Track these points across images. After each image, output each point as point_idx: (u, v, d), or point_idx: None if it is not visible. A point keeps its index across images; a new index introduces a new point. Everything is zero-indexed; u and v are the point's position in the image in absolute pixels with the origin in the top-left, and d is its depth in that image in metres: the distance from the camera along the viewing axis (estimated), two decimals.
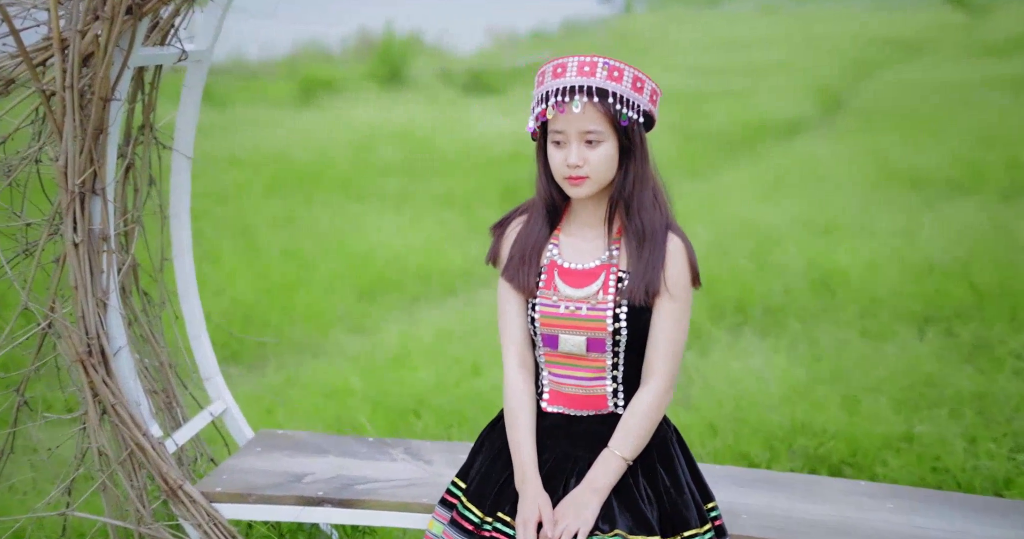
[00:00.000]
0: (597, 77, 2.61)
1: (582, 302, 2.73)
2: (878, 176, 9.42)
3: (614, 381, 2.78)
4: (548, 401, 2.85)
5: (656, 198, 2.77)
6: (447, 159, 10.35)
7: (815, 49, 19.58)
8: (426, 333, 6.27)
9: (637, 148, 2.71)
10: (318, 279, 7.17)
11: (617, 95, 2.61)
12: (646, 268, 2.71)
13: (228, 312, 6.48)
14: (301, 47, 18.77)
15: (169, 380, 3.37)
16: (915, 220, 7.70)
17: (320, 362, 5.94)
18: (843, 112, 13.75)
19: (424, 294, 7.27)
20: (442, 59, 18.22)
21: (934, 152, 10.12)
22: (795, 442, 4.46)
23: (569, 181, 2.69)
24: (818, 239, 7.33)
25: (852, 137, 11.63)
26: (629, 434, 2.71)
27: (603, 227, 2.80)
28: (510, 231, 2.92)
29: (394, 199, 9.19)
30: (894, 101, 13.66)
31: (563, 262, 2.80)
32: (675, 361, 2.75)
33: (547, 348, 2.80)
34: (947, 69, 16.33)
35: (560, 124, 2.65)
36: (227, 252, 7.42)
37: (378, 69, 15.70)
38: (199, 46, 3.30)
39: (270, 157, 10.07)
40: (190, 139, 3.38)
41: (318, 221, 8.40)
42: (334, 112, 12.51)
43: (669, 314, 2.73)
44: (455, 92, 14.61)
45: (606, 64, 2.63)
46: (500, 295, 2.90)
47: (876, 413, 4.60)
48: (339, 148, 10.56)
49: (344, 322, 6.64)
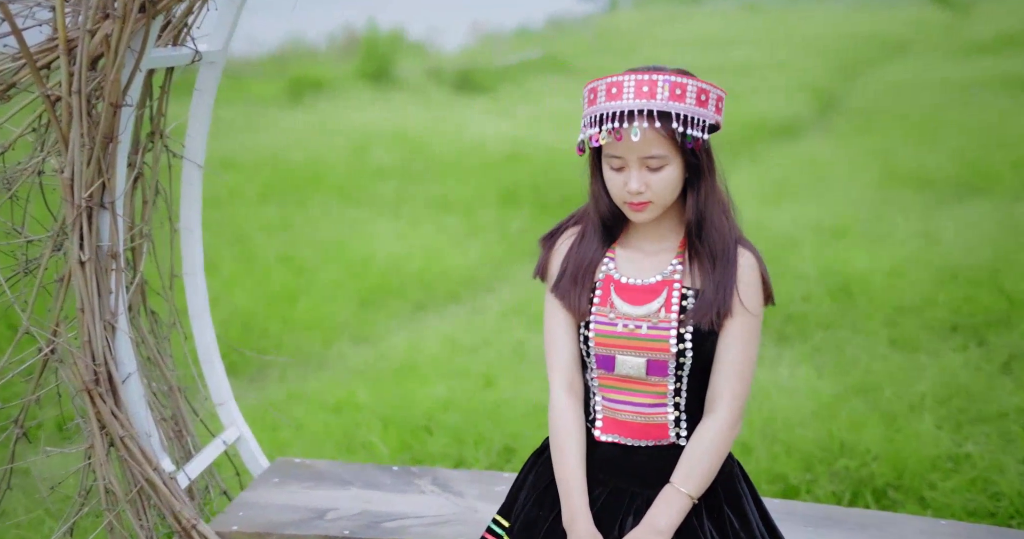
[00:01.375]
0: (658, 98, 2.37)
1: (642, 320, 2.50)
2: (883, 177, 9.21)
3: (676, 408, 2.53)
4: (601, 429, 2.60)
5: (725, 212, 2.55)
6: (442, 161, 10.09)
7: (802, 48, 19.39)
8: (432, 343, 6.04)
9: (704, 165, 2.48)
10: (317, 286, 6.92)
11: (681, 117, 2.38)
12: (717, 288, 2.47)
13: (226, 322, 6.23)
14: (285, 45, 18.48)
15: (179, 406, 3.11)
16: (930, 222, 7.48)
17: (324, 375, 5.70)
18: (839, 112, 13.54)
19: (427, 301, 7.03)
20: (428, 57, 17.96)
21: (937, 152, 9.91)
22: (835, 463, 4.23)
23: (631, 206, 2.46)
24: (831, 243, 7.11)
25: (852, 137, 11.41)
26: (694, 469, 2.46)
27: (665, 241, 2.58)
28: (561, 244, 2.68)
29: (391, 203, 8.94)
30: (889, 100, 13.46)
31: (620, 277, 2.56)
32: (744, 388, 2.52)
33: (601, 370, 2.55)
34: (937, 67, 16.15)
35: (617, 150, 2.42)
36: (223, 259, 7.16)
37: (366, 68, 15.42)
38: (212, 46, 3.05)
39: (263, 160, 9.80)
40: (202, 147, 3.14)
41: (315, 226, 8.14)
42: (325, 113, 12.23)
43: (739, 336, 2.50)
44: (445, 91, 14.34)
45: (667, 82, 2.37)
46: (547, 312, 2.67)
47: (918, 431, 4.37)
48: (332, 151, 10.30)
49: (346, 331, 6.40)
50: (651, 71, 2.39)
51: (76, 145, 2.58)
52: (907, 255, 6.64)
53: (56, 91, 2.60)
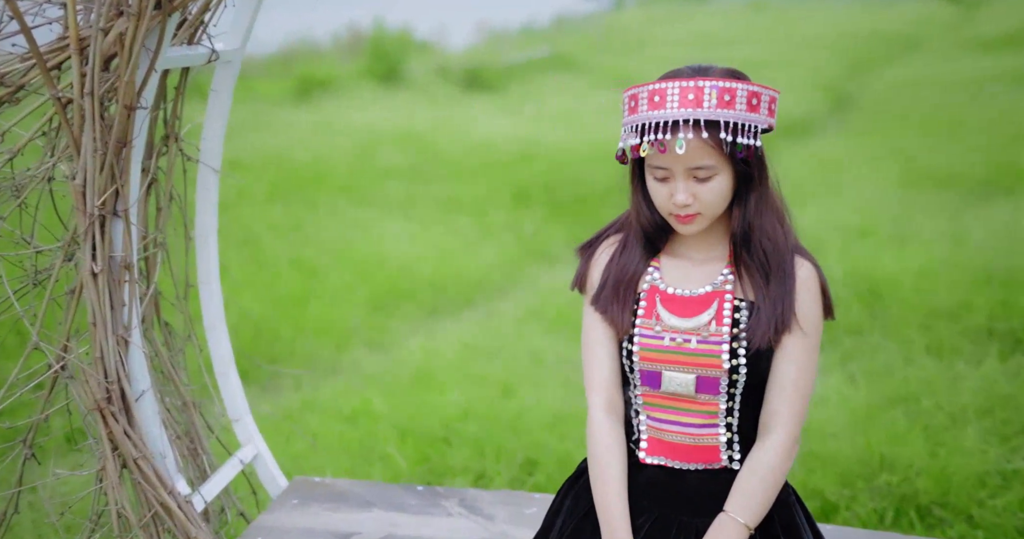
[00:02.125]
0: (705, 106, 2.19)
1: (691, 334, 2.33)
2: (904, 176, 9.01)
3: (728, 429, 2.36)
4: (647, 451, 2.43)
5: (780, 220, 2.38)
6: (451, 161, 9.91)
7: (809, 45, 19.20)
8: (448, 349, 5.87)
9: (756, 172, 2.30)
10: (328, 290, 6.76)
11: (731, 125, 2.20)
12: (775, 303, 2.30)
13: (236, 327, 6.06)
14: (291, 44, 18.32)
15: (193, 422, 2.94)
16: (957, 222, 7.29)
17: (338, 382, 5.53)
18: (852, 109, 13.35)
19: (440, 305, 6.87)
20: (435, 56, 17.78)
21: (958, 149, 9.72)
22: (875, 478, 4.05)
23: (677, 219, 2.29)
24: (857, 245, 6.92)
25: (868, 135, 11.21)
26: (749, 496, 2.29)
27: (715, 249, 2.41)
28: (600, 253, 2.51)
29: (400, 204, 8.77)
30: (903, 98, 13.27)
31: (667, 288, 2.39)
32: (803, 408, 2.34)
33: (646, 387, 2.38)
34: (948, 65, 15.95)
35: (662, 160, 2.25)
36: (232, 263, 6.99)
37: (372, 66, 15.24)
38: (229, 45, 2.88)
39: (270, 161, 9.62)
40: (218, 150, 2.98)
41: (324, 228, 7.97)
42: (331, 113, 12.05)
43: (797, 353, 2.33)
44: (452, 90, 14.15)
45: (714, 88, 2.19)
46: (586, 325, 2.49)
47: (962, 444, 4.19)
48: (339, 150, 10.12)
49: (359, 336, 6.23)
50: (697, 76, 2.22)
51: (88, 150, 2.42)
52: (936, 256, 6.45)
53: (67, 93, 2.43)
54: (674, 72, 2.29)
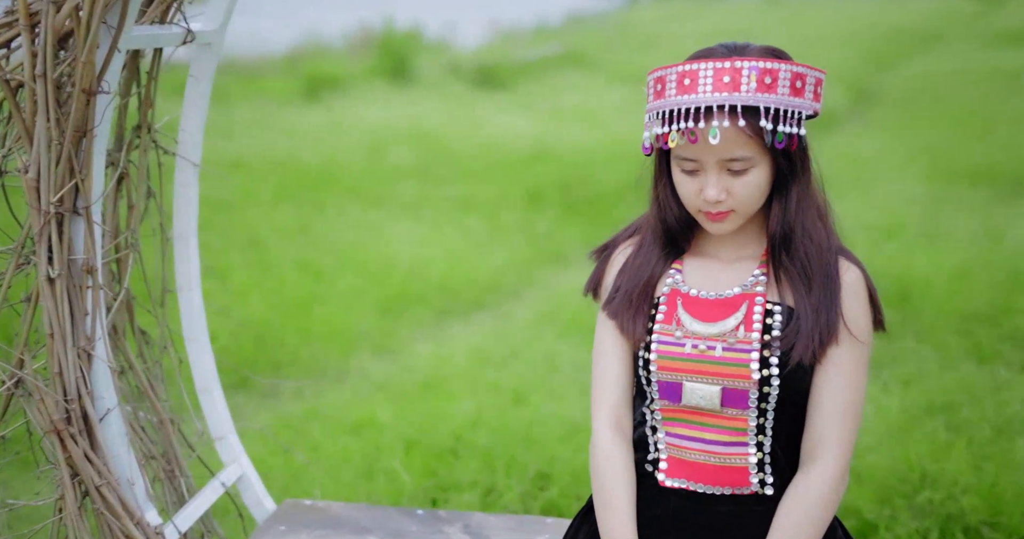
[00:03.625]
0: (743, 90, 1.91)
1: (716, 340, 2.06)
2: (933, 171, 8.68)
3: (759, 449, 2.08)
4: (667, 472, 2.14)
5: (822, 218, 2.10)
6: (463, 160, 9.62)
7: (829, 40, 18.83)
8: (458, 354, 5.59)
9: (798, 165, 2.03)
10: (335, 294, 6.48)
11: (771, 112, 1.92)
12: (818, 311, 2.03)
13: (239, 332, 5.81)
14: (301, 42, 18.10)
15: (171, 441, 2.65)
16: (990, 220, 6.97)
17: (343, 389, 5.26)
18: (876, 104, 13.03)
19: (451, 309, 6.59)
20: (447, 54, 17.53)
21: (989, 144, 9.39)
22: (916, 495, 3.75)
23: (708, 216, 2.03)
24: (886, 243, 6.61)
25: (894, 130, 10.88)
26: (795, 534, 2.01)
27: (747, 248, 2.14)
28: (617, 256, 2.24)
29: (411, 205, 8.48)
30: (928, 92, 12.94)
31: (689, 290, 2.12)
32: (853, 432, 2.06)
33: (665, 401, 2.11)
34: (971, 59, 15.58)
35: (691, 151, 1.98)
36: (235, 266, 6.73)
37: (383, 65, 14.98)
38: (209, 26, 2.60)
39: (277, 160, 9.35)
40: (198, 142, 2.70)
41: (331, 230, 7.70)
42: (341, 112, 11.77)
43: (846, 368, 2.05)
44: (464, 88, 13.87)
45: (753, 69, 1.91)
46: (598, 333, 2.22)
47: (1011, 458, 3.88)
48: (349, 150, 9.84)
49: (366, 341, 5.95)
50: (733, 56, 1.93)
51: (42, 140, 2.15)
52: (971, 256, 6.13)
53: (17, 75, 2.17)
54: (706, 51, 2.01)
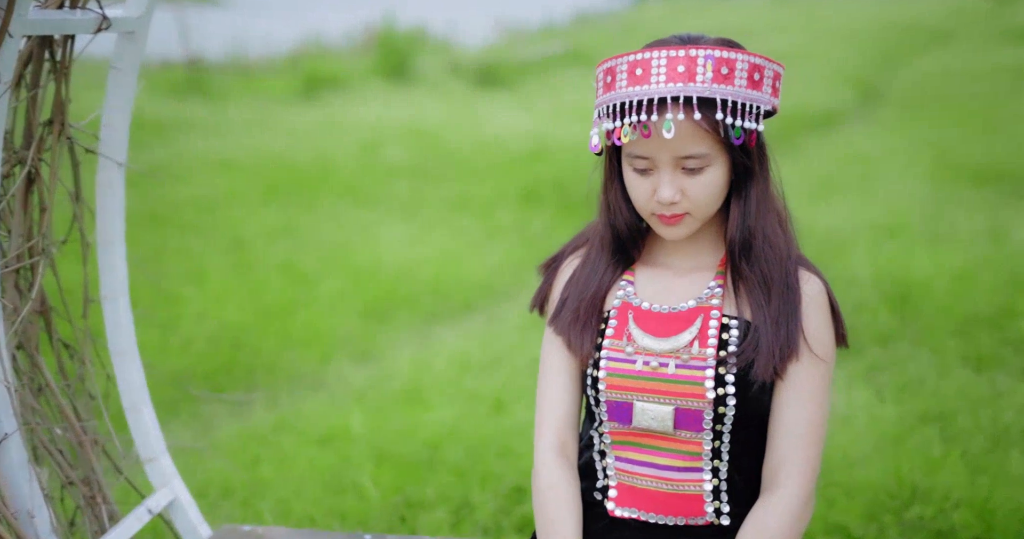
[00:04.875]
0: (698, 80, 1.75)
1: (668, 357, 1.89)
2: (938, 170, 8.46)
3: (715, 475, 1.92)
4: (616, 501, 1.98)
5: (781, 224, 1.92)
6: (460, 160, 9.43)
7: (836, 37, 18.64)
8: (441, 361, 5.39)
9: (756, 164, 1.86)
10: (320, 298, 6.29)
11: (728, 105, 1.76)
12: (778, 324, 1.86)
13: (215, 338, 5.63)
14: (304, 42, 17.98)
15: (92, 466, 2.45)
16: (995, 220, 6.74)
17: (318, 398, 5.06)
18: (882, 102, 12.80)
19: (439, 311, 6.38)
20: (450, 52, 17.36)
21: (993, 144, 9.15)
22: (906, 511, 3.55)
23: (661, 220, 1.85)
24: (887, 244, 6.40)
25: (899, 128, 10.66)
26: None
27: (703, 257, 1.97)
28: (564, 269, 2.07)
29: (404, 205, 8.29)
30: (936, 90, 12.69)
31: (641, 302, 1.94)
32: (817, 453, 1.89)
33: (614, 423, 1.94)
34: (982, 57, 15.31)
35: (644, 148, 1.81)
36: (215, 268, 6.54)
37: (383, 64, 14.81)
38: (132, 12, 2.41)
39: (268, 159, 9.17)
40: (122, 140, 2.50)
41: (320, 231, 7.50)
42: (338, 110, 11.59)
43: (808, 386, 1.89)
44: (465, 87, 13.68)
45: (709, 58, 1.75)
46: (543, 350, 2.06)
47: (1006, 470, 3.68)
48: (343, 149, 9.65)
49: (347, 347, 5.76)
50: (687, 44, 1.76)
51: None
52: (974, 257, 5.91)
53: None
54: (659, 41, 1.83)
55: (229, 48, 16.00)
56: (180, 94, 12.57)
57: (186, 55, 14.08)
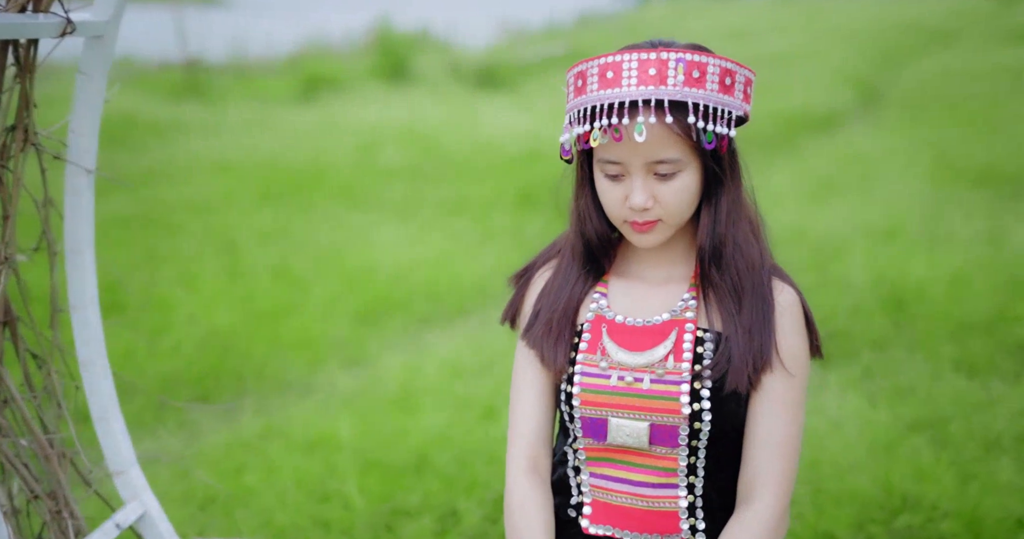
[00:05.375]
0: (669, 83, 1.73)
1: (643, 372, 1.86)
2: (937, 172, 8.39)
3: (690, 492, 1.88)
4: (591, 518, 1.94)
5: (754, 232, 1.88)
6: (457, 162, 9.38)
7: (839, 37, 18.58)
8: (432, 366, 5.34)
9: (728, 171, 1.83)
10: (312, 302, 6.24)
11: (699, 108, 1.74)
12: (751, 334, 1.82)
13: (203, 343, 5.59)
14: (305, 43, 17.96)
15: (59, 479, 2.40)
16: (994, 223, 6.67)
17: (307, 404, 5.01)
18: (883, 103, 12.73)
19: (432, 315, 6.33)
20: (451, 54, 17.32)
21: (996, 145, 9.08)
22: (895, 519, 3.51)
23: (633, 227, 1.82)
24: (884, 247, 6.34)
25: (900, 129, 10.58)
26: None
27: (676, 267, 1.93)
28: (536, 281, 2.04)
29: (399, 207, 8.24)
30: (937, 90, 12.61)
31: (615, 316, 1.91)
32: (792, 466, 1.86)
33: (589, 439, 1.91)
34: (985, 57, 15.22)
35: (615, 153, 1.78)
36: (206, 272, 6.50)
37: (383, 65, 14.77)
38: (99, 16, 2.36)
39: (264, 161, 9.13)
40: (91, 146, 2.45)
41: (314, 234, 7.46)
42: (336, 112, 11.54)
43: (781, 398, 1.86)
44: (465, 88, 13.63)
45: (681, 61, 1.73)
46: (516, 364, 2.02)
47: (995, 478, 3.63)
48: (341, 151, 9.60)
49: (338, 352, 5.71)
50: (658, 48, 1.74)
51: None
52: (970, 261, 5.85)
53: None
54: (631, 45, 1.81)
55: (230, 49, 15.99)
56: (178, 96, 12.54)
57: (184, 57, 14.04)
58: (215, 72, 14.52)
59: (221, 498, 4.02)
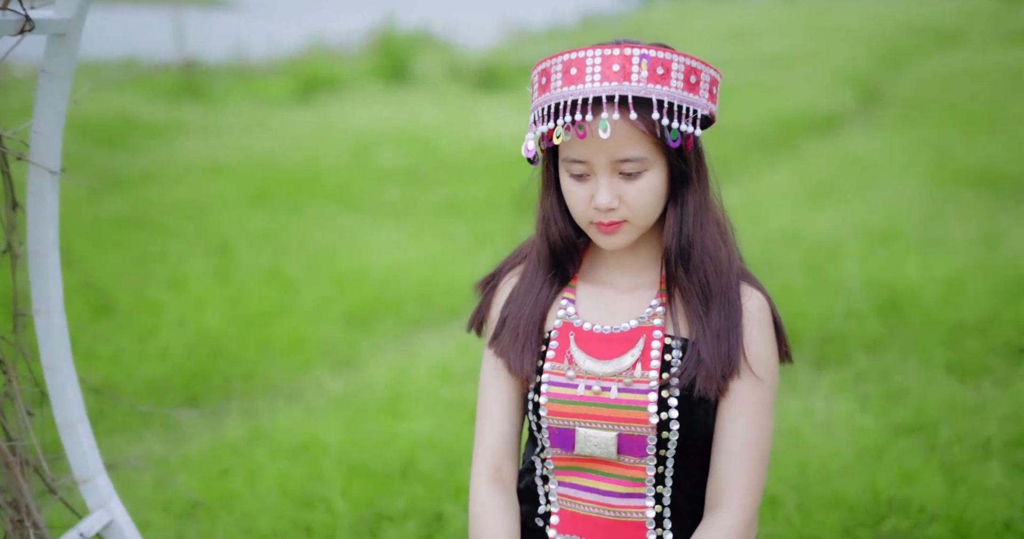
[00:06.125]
0: (634, 80, 1.70)
1: (610, 380, 1.84)
2: (937, 173, 8.31)
3: (658, 502, 1.85)
4: (558, 528, 1.91)
5: (723, 235, 1.85)
6: (453, 163, 9.33)
7: (842, 38, 18.51)
8: (421, 369, 5.29)
9: (694, 170, 1.79)
10: (303, 305, 6.20)
11: (664, 105, 1.71)
12: (719, 340, 1.80)
13: (192, 346, 5.55)
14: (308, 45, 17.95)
15: (20, 487, 2.35)
16: (992, 225, 6.61)
17: (294, 408, 4.96)
18: (885, 104, 12.66)
19: (424, 318, 6.29)
20: (452, 55, 17.29)
21: (997, 146, 9.01)
22: (881, 524, 3.46)
23: (599, 228, 1.79)
24: (880, 250, 6.28)
25: (901, 130, 10.51)
26: None
27: (645, 273, 1.89)
28: (503, 287, 2.00)
29: (394, 209, 8.20)
30: (940, 91, 12.54)
31: (583, 323, 1.88)
32: (760, 474, 1.83)
33: (557, 449, 1.88)
34: (989, 58, 15.15)
35: (580, 151, 1.75)
36: (198, 274, 6.45)
37: (384, 66, 14.73)
38: (61, 13, 2.31)
39: (259, 163, 9.08)
40: (55, 146, 2.40)
41: (308, 236, 7.41)
42: (334, 113, 11.49)
43: (750, 405, 1.83)
44: (464, 90, 13.58)
45: (645, 57, 1.70)
46: (483, 372, 1.99)
47: (983, 482, 3.59)
48: (337, 153, 9.56)
49: (329, 355, 5.66)
50: (623, 44, 1.72)
51: None
52: (966, 263, 5.79)
53: None
54: (597, 44, 1.77)
55: (232, 51, 15.97)
56: (176, 98, 12.51)
57: (182, 58, 14.02)
58: (216, 73, 14.49)
59: (204, 503, 3.98)
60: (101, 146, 9.57)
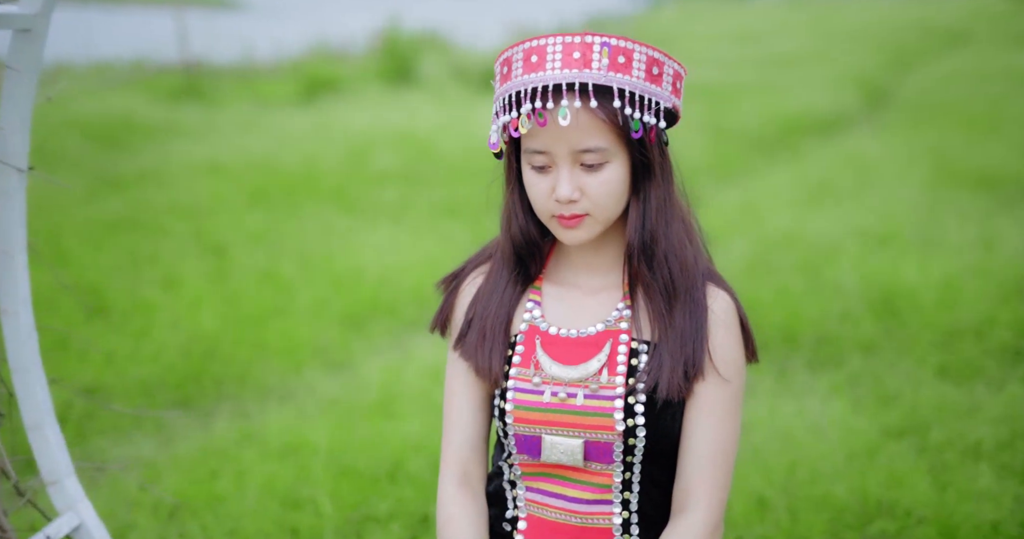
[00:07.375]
0: (594, 68, 1.69)
1: (577, 386, 1.82)
2: (937, 175, 8.27)
3: (625, 507, 1.83)
4: (525, 533, 1.88)
5: (688, 232, 1.81)
6: (452, 164, 9.29)
7: (848, 39, 18.48)
8: (414, 371, 5.26)
9: (657, 164, 1.75)
10: (298, 306, 6.17)
11: (626, 94, 1.69)
12: (682, 340, 1.77)
13: (186, 347, 5.52)
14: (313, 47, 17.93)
15: None
16: (989, 227, 6.57)
17: (286, 409, 4.94)
18: (889, 105, 12.62)
19: (419, 319, 6.25)
20: (456, 55, 17.26)
21: (998, 148, 8.97)
22: (869, 525, 3.43)
23: (560, 221, 1.76)
24: (877, 252, 6.24)
25: (903, 133, 10.46)
26: None
27: (612, 274, 1.87)
28: (467, 287, 1.98)
29: (391, 210, 8.17)
30: (944, 93, 12.49)
31: (548, 327, 1.85)
32: (726, 476, 1.81)
33: (524, 456, 1.87)
34: (996, 59, 15.08)
35: (541, 141, 1.73)
36: (191, 275, 6.43)
37: (388, 68, 14.71)
38: (26, 9, 2.29)
39: (256, 164, 9.06)
40: (22, 144, 2.38)
41: (304, 237, 7.38)
42: (334, 114, 11.47)
43: (715, 406, 1.81)
44: (466, 91, 13.55)
45: (605, 45, 1.69)
46: (448, 374, 1.97)
47: (974, 486, 3.55)
48: (335, 154, 9.52)
49: (322, 357, 5.64)
50: (585, 33, 1.71)
51: None
52: (963, 266, 5.75)
53: None
54: (560, 33, 1.75)
55: (238, 53, 15.96)
56: (178, 99, 12.50)
57: (184, 59, 14.01)
58: (221, 75, 14.48)
59: (191, 505, 3.95)
60: (100, 146, 9.56)
